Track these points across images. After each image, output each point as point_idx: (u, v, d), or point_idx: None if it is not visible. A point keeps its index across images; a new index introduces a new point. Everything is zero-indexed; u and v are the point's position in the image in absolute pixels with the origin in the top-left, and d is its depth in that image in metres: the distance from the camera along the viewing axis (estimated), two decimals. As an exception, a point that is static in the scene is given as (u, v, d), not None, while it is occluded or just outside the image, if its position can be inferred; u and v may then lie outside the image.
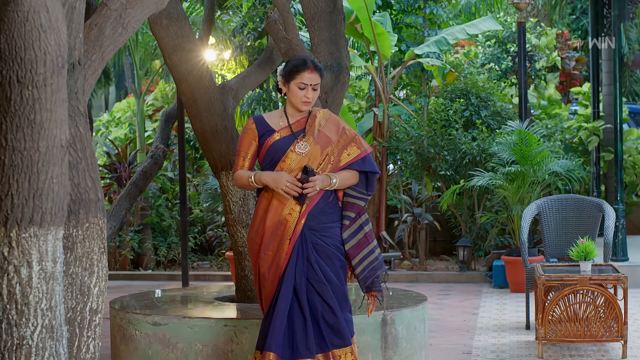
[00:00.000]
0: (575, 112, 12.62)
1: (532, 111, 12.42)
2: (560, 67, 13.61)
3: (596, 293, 6.28)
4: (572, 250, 6.43)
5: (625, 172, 12.29)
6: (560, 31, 14.40)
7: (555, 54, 13.53)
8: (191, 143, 12.63)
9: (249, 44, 11.75)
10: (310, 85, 4.54)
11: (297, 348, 4.43)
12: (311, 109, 4.66)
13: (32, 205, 3.03)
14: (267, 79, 11.39)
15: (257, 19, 11.58)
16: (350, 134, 4.67)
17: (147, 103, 14.93)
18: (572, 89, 13.43)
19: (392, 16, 12.95)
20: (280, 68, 4.66)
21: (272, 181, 4.48)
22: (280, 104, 11.65)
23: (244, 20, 11.87)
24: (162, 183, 12.48)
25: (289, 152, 4.54)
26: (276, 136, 4.56)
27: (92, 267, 3.47)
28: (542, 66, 13.30)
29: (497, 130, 10.59)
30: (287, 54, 5.90)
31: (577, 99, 13.62)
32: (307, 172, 4.49)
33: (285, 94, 4.63)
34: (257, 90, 12.12)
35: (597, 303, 6.28)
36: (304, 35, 10.78)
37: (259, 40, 11.82)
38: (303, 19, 9.15)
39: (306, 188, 4.45)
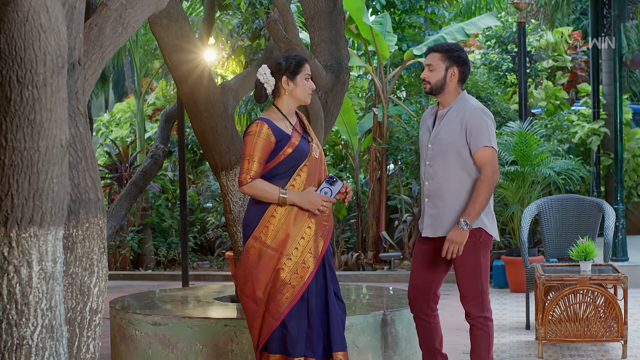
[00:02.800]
0: (578, 113, 12.62)
1: (532, 110, 12.41)
2: (569, 67, 13.59)
3: (596, 293, 6.28)
4: (572, 250, 6.43)
5: (626, 173, 12.28)
6: (574, 31, 14.40)
7: (566, 55, 13.53)
8: (189, 147, 12.60)
9: (243, 44, 11.74)
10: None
11: (336, 342, 4.53)
12: (296, 110, 4.72)
13: (32, 205, 3.03)
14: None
15: (250, 20, 11.57)
16: None
17: (148, 103, 14.92)
18: (579, 86, 13.41)
19: (395, 16, 12.95)
20: (266, 73, 4.60)
21: (308, 203, 4.48)
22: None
23: (242, 19, 11.87)
24: (162, 184, 12.47)
25: (309, 156, 4.56)
26: (295, 141, 4.54)
27: (92, 267, 3.47)
28: (551, 66, 13.28)
29: (497, 131, 10.58)
30: (287, 54, 5.90)
31: (579, 99, 13.61)
32: (332, 183, 4.52)
33: (277, 94, 4.62)
34: (252, 92, 12.10)
35: (597, 303, 6.28)
36: (305, 36, 10.78)
37: (257, 41, 11.82)
38: (303, 19, 9.14)
39: (329, 203, 4.55)
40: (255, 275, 4.48)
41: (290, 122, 4.59)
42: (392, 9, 13.07)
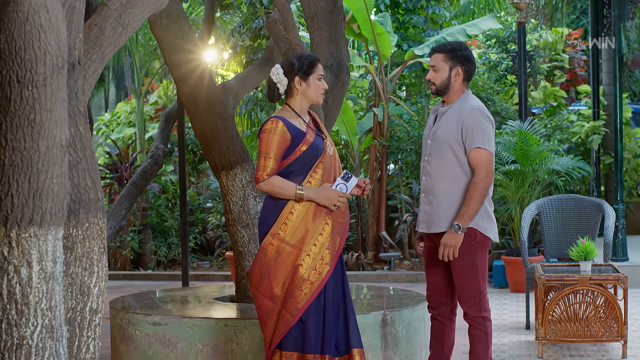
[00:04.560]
0: (578, 112, 12.61)
1: (532, 110, 12.41)
2: (567, 66, 13.59)
3: (596, 293, 6.28)
4: (572, 250, 6.43)
5: (626, 173, 12.27)
6: (573, 30, 14.39)
7: (563, 54, 13.53)
8: (189, 147, 12.61)
9: (244, 43, 11.74)
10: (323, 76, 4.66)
11: (354, 339, 4.56)
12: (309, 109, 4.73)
13: (32, 205, 3.03)
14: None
15: (251, 19, 11.57)
16: None
17: (149, 102, 14.91)
18: (579, 87, 13.41)
19: (399, 16, 12.95)
20: (279, 73, 4.62)
21: (324, 199, 4.50)
22: (278, 105, 11.62)
23: (242, 19, 11.87)
24: (162, 184, 12.47)
25: (324, 153, 4.58)
26: (310, 138, 4.55)
27: (92, 267, 3.47)
28: (549, 65, 13.28)
29: (497, 130, 10.58)
30: (287, 54, 5.90)
31: (580, 99, 13.61)
32: (347, 179, 4.53)
33: (290, 94, 4.62)
34: (252, 92, 12.11)
35: (597, 303, 6.29)
36: (305, 35, 10.78)
37: (259, 41, 11.82)
38: (303, 19, 9.15)
39: (343, 198, 4.57)
40: (273, 273, 4.47)
41: (303, 120, 4.61)
42: (396, 9, 13.08)
